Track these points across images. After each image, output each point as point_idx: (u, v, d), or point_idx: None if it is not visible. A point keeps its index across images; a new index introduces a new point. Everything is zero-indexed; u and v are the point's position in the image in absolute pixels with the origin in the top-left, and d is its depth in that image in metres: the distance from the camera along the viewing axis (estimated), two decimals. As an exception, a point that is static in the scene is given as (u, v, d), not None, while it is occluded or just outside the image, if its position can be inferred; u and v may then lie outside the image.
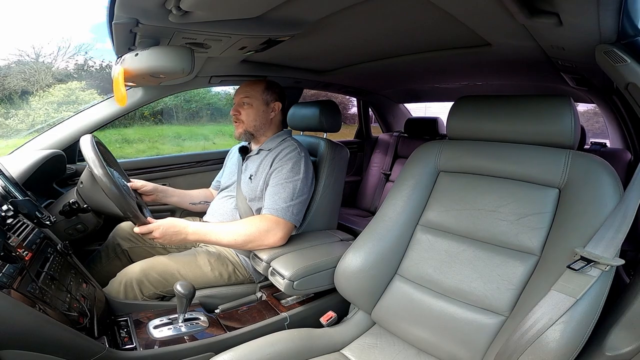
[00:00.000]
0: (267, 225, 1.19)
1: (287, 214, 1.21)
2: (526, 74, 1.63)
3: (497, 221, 0.91)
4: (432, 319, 0.92)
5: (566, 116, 0.84)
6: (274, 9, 0.85)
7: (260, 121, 1.37)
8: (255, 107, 1.36)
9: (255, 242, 1.18)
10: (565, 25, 0.80)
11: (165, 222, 1.13)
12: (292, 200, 1.23)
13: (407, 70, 1.80)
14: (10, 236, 0.86)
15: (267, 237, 1.18)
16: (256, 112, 1.36)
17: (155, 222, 1.13)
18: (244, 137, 1.40)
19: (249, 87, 1.38)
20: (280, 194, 1.23)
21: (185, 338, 0.97)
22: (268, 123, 1.40)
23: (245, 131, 1.38)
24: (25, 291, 0.73)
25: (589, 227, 0.75)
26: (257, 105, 1.36)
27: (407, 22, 1.06)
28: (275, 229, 1.19)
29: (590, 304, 0.68)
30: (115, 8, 0.77)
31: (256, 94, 1.36)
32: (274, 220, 1.20)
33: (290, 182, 1.24)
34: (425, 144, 1.11)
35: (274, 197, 1.23)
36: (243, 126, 1.37)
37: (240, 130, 1.38)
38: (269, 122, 1.40)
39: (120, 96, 0.91)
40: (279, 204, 1.21)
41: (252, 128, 1.38)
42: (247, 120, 1.36)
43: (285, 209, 1.21)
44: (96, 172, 1.02)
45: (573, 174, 0.83)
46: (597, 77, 1.34)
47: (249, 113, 1.36)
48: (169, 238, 1.13)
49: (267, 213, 1.21)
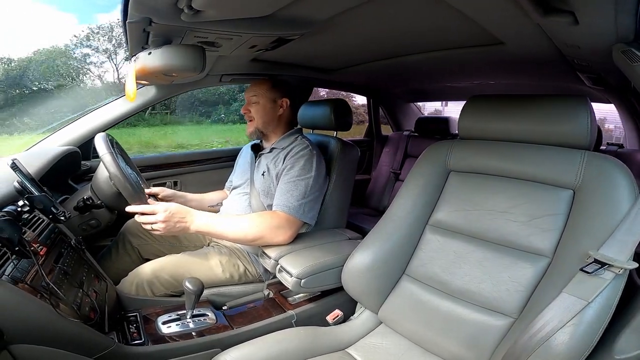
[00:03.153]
0: (278, 222, 1.18)
1: (298, 212, 1.21)
2: (540, 72, 1.60)
3: (508, 222, 0.90)
4: (439, 319, 0.91)
5: (583, 116, 0.82)
6: (284, 8, 0.85)
7: (268, 118, 1.39)
8: (262, 104, 1.38)
9: (264, 239, 1.17)
10: (582, 24, 0.78)
11: (171, 207, 1.08)
12: (303, 198, 1.22)
13: (417, 69, 1.79)
14: (25, 231, 0.88)
15: (276, 235, 1.18)
16: (263, 109, 1.38)
17: (159, 204, 1.08)
18: (255, 135, 1.42)
19: (256, 85, 1.40)
20: (292, 191, 1.23)
21: (193, 334, 0.98)
22: (276, 120, 1.41)
23: (256, 129, 1.39)
24: (38, 286, 0.75)
25: (603, 230, 0.74)
26: (264, 102, 1.38)
27: (418, 21, 1.05)
28: (285, 227, 1.19)
29: (602, 307, 0.67)
30: (129, 7, 0.78)
31: (263, 92, 1.38)
32: (285, 218, 1.20)
33: (302, 180, 1.24)
34: (435, 143, 1.10)
35: (286, 194, 1.23)
36: (254, 124, 1.39)
37: (252, 128, 1.40)
38: (277, 119, 1.41)
39: (131, 92, 0.93)
40: (290, 202, 1.21)
41: (261, 125, 1.39)
42: (257, 117, 1.38)
43: (297, 207, 1.21)
44: (109, 168, 1.04)
45: (588, 175, 0.81)
46: (614, 76, 1.31)
47: (257, 110, 1.38)
48: (171, 227, 1.07)
49: (278, 210, 1.21)
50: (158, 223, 1.06)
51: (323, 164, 1.33)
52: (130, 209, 1.08)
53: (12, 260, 0.74)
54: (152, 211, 1.06)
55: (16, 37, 11.24)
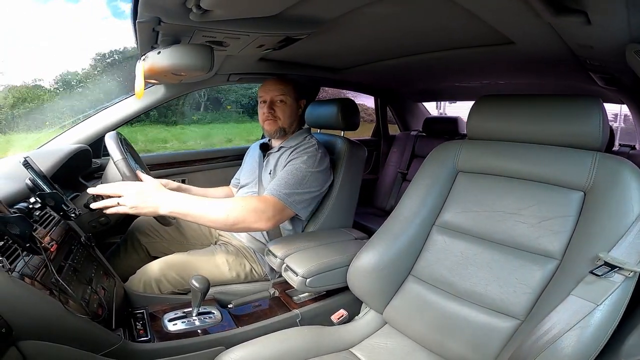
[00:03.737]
0: (264, 206, 1.12)
1: (287, 200, 1.17)
2: (551, 72, 1.58)
3: (517, 224, 0.88)
4: (445, 320, 0.91)
5: (595, 117, 0.81)
6: (292, 7, 0.86)
7: (293, 117, 1.41)
8: (289, 104, 1.39)
9: (246, 223, 1.08)
10: (594, 23, 0.76)
11: (143, 185, 1.02)
12: (296, 188, 1.20)
13: (426, 68, 1.77)
14: (36, 228, 0.89)
15: (259, 218, 1.09)
16: (290, 109, 1.39)
17: (120, 184, 1.00)
18: (279, 134, 1.41)
19: (281, 85, 1.39)
20: (287, 179, 1.21)
21: (198, 332, 0.99)
22: (298, 119, 1.43)
23: (280, 128, 1.39)
24: (48, 282, 0.76)
25: (613, 232, 0.72)
26: (291, 102, 1.39)
27: (426, 20, 1.04)
28: (269, 212, 1.12)
29: (610, 310, 0.66)
30: (138, 7, 0.79)
31: (290, 92, 1.39)
32: (272, 202, 1.14)
33: (300, 172, 1.23)
34: (444, 143, 1.09)
35: (279, 181, 1.21)
36: (279, 123, 1.38)
37: (276, 127, 1.38)
38: (298, 119, 1.43)
39: (140, 91, 0.94)
40: (282, 189, 1.18)
41: (287, 125, 1.39)
42: (283, 117, 1.38)
43: (287, 195, 1.17)
44: (118, 165, 1.05)
45: (600, 177, 0.80)
46: (628, 76, 1.29)
47: (284, 110, 1.38)
48: (139, 204, 0.99)
49: (267, 194, 1.17)
50: (124, 197, 0.98)
51: (327, 164, 1.33)
52: (99, 187, 1.00)
53: (23, 257, 0.75)
54: (123, 187, 1.00)
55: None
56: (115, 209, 0.99)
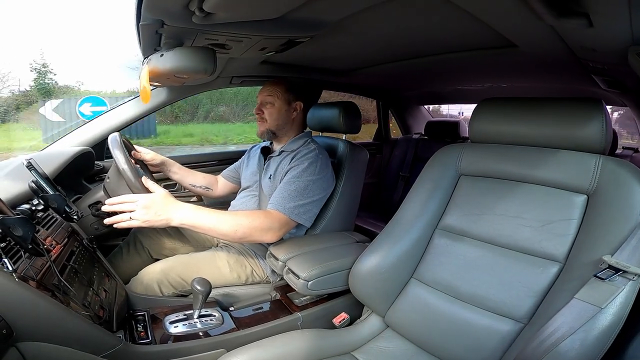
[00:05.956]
0: (270, 223, 1.15)
1: (293, 213, 1.19)
2: (554, 75, 1.57)
3: (520, 227, 0.88)
4: (447, 324, 0.90)
5: (597, 120, 0.81)
6: (294, 10, 0.86)
7: (282, 120, 1.39)
8: (277, 106, 1.37)
9: (253, 237, 1.13)
10: (596, 26, 0.76)
11: (155, 197, 1.02)
12: (300, 199, 1.21)
13: (428, 71, 1.77)
14: (39, 229, 0.89)
15: (265, 235, 1.14)
16: (278, 111, 1.38)
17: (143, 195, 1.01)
18: (266, 136, 1.41)
19: (271, 86, 1.39)
20: (290, 191, 1.21)
21: (200, 334, 0.99)
22: (290, 122, 1.41)
23: (267, 130, 1.39)
24: (50, 284, 0.76)
25: (617, 235, 0.72)
26: (279, 104, 1.38)
27: (428, 23, 1.04)
28: (276, 227, 1.16)
29: (614, 313, 0.65)
30: (142, 10, 0.79)
31: (278, 94, 1.37)
32: (278, 218, 1.17)
33: (302, 181, 1.23)
34: (446, 146, 1.09)
35: (283, 193, 1.21)
36: (266, 125, 1.38)
37: (263, 128, 1.39)
38: (291, 122, 1.41)
39: (145, 94, 0.94)
40: (286, 201, 1.19)
41: (274, 127, 1.39)
42: (269, 119, 1.38)
43: (293, 208, 1.19)
44: (121, 167, 1.06)
45: (603, 180, 0.79)
46: (630, 78, 1.28)
47: (272, 112, 1.37)
48: (151, 217, 1.00)
49: (272, 209, 1.19)
50: (136, 212, 0.98)
51: (329, 169, 1.32)
52: (109, 201, 1.01)
53: (25, 258, 0.75)
54: (133, 200, 1.00)
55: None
56: (127, 223, 1.00)
